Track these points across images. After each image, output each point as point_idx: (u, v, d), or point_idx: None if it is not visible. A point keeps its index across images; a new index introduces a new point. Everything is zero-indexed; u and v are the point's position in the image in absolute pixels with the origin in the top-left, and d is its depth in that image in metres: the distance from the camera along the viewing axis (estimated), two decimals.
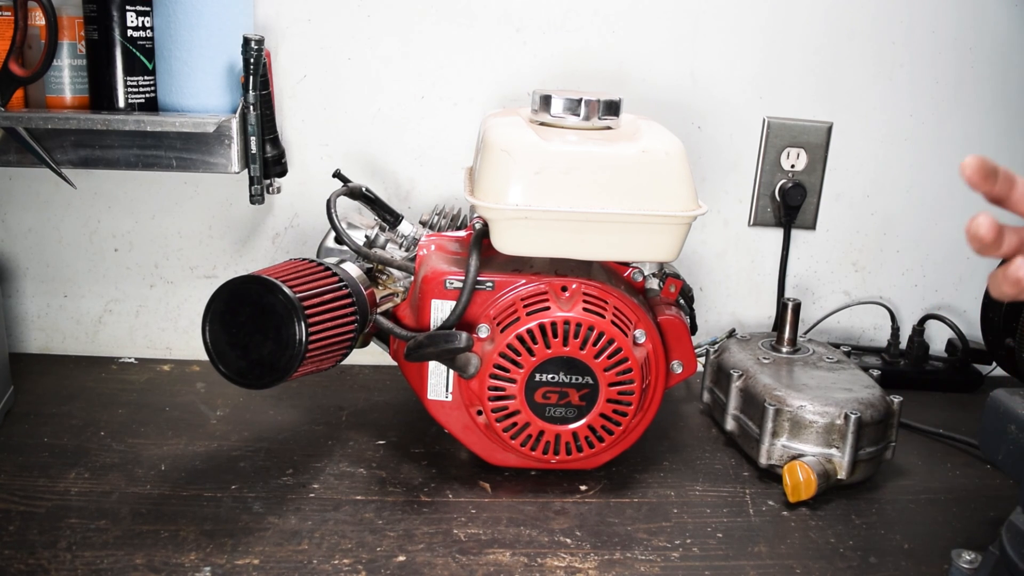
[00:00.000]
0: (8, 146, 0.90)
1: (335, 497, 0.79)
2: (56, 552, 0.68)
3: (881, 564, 0.74)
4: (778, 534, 0.77)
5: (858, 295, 1.17)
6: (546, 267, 0.82)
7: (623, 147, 0.77)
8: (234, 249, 1.08)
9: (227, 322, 0.72)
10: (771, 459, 0.85)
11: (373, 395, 1.01)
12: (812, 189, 1.12)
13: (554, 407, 0.78)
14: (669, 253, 0.78)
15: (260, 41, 0.88)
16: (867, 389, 0.87)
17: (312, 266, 0.77)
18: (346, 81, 1.04)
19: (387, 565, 0.70)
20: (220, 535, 0.72)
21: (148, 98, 0.92)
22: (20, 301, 1.08)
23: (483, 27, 1.04)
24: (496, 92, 1.05)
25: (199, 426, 0.91)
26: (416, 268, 0.84)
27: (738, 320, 1.16)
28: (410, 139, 1.06)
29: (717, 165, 1.11)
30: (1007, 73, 1.10)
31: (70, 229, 1.06)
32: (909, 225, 1.15)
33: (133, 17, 0.88)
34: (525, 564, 0.71)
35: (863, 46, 1.08)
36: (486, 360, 0.77)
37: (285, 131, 1.04)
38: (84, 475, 0.80)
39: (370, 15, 1.02)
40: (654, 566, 0.72)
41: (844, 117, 1.10)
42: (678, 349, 0.84)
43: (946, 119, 1.11)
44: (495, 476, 0.84)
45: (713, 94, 1.08)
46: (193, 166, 0.92)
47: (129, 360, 1.08)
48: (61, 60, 0.89)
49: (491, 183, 0.76)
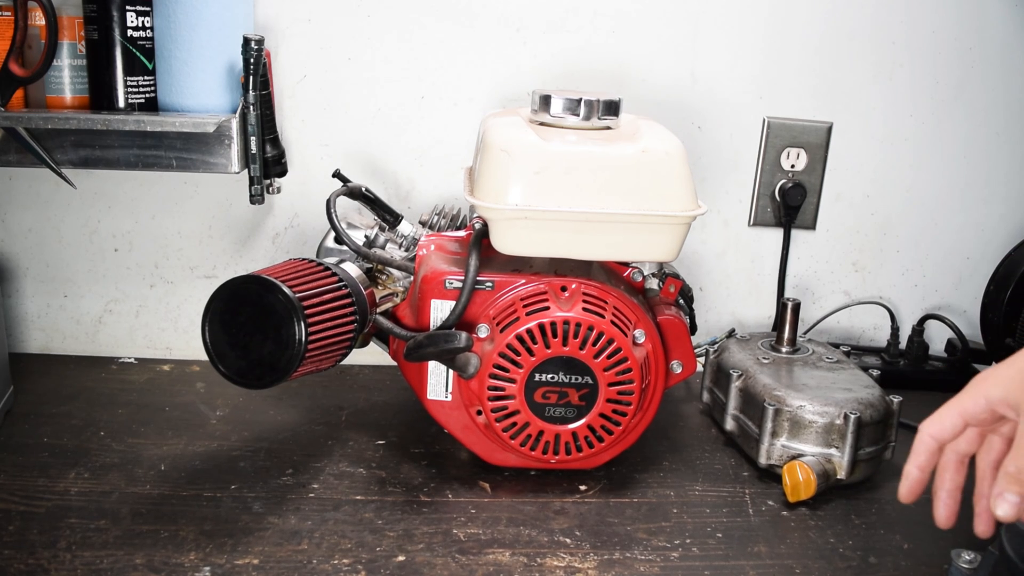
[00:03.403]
0: (8, 146, 0.90)
1: (335, 497, 0.79)
2: (56, 552, 0.69)
3: (881, 564, 0.74)
4: (778, 534, 0.77)
5: (858, 295, 1.17)
6: (546, 267, 0.82)
7: (623, 147, 0.77)
8: (234, 249, 1.08)
9: (227, 322, 0.73)
10: (771, 459, 0.85)
11: (373, 395, 1.01)
12: (812, 189, 1.12)
13: (554, 407, 0.78)
14: (669, 253, 0.78)
15: (260, 41, 0.88)
16: (867, 389, 0.87)
17: (312, 266, 0.77)
18: (346, 81, 1.04)
19: (387, 565, 0.70)
20: (220, 535, 0.72)
21: (148, 98, 0.92)
22: (20, 301, 1.08)
23: (483, 27, 1.04)
24: (496, 92, 1.05)
25: (199, 426, 0.91)
26: (416, 268, 0.84)
27: (738, 320, 1.16)
28: (410, 139, 1.06)
29: (717, 165, 1.10)
30: (1007, 73, 1.10)
31: (70, 229, 1.06)
32: (909, 225, 1.15)
33: (133, 17, 0.88)
34: (525, 564, 0.71)
35: (863, 46, 1.08)
36: (486, 360, 0.77)
37: (285, 131, 1.04)
38: (84, 475, 0.80)
39: (370, 15, 1.02)
40: (654, 566, 0.72)
41: (844, 117, 1.10)
42: (678, 349, 0.84)
43: (946, 119, 1.11)
44: (495, 476, 0.84)
45: (713, 94, 1.08)
46: (193, 166, 0.92)
47: (129, 360, 1.08)
48: (61, 60, 0.89)
49: (491, 183, 0.76)
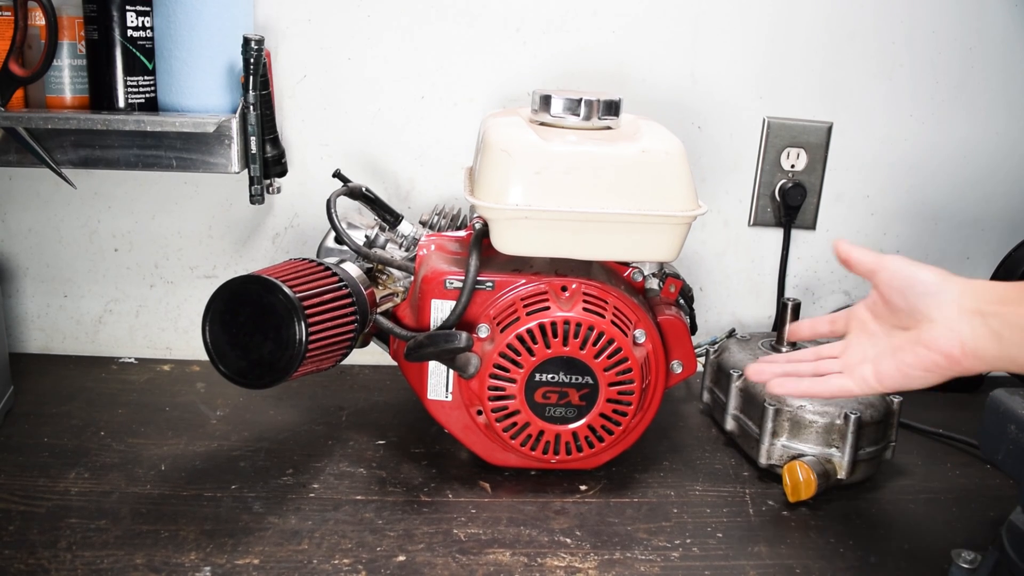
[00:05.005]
0: (8, 146, 0.90)
1: (335, 497, 0.79)
2: (56, 552, 0.68)
3: (881, 564, 0.74)
4: (778, 534, 0.77)
5: (858, 295, 1.17)
6: (546, 267, 0.82)
7: (623, 147, 0.77)
8: (234, 249, 1.08)
9: (227, 322, 0.72)
10: (771, 459, 0.85)
11: (373, 395, 1.01)
12: (812, 189, 1.11)
13: (554, 407, 0.78)
14: (669, 253, 0.78)
15: (260, 41, 0.88)
16: None
17: (312, 266, 0.77)
18: (346, 81, 1.04)
19: (387, 565, 0.70)
20: (220, 535, 0.72)
21: (148, 98, 0.92)
22: (20, 301, 1.08)
23: (483, 27, 1.04)
24: (496, 92, 1.05)
25: (199, 426, 0.91)
26: (416, 268, 0.84)
27: (738, 320, 1.16)
28: (410, 139, 1.06)
29: (717, 165, 1.10)
30: (1007, 73, 1.10)
31: (70, 229, 1.06)
32: (909, 225, 1.15)
33: (133, 17, 0.88)
34: (525, 564, 0.71)
35: (863, 46, 1.08)
36: (486, 360, 0.77)
37: (285, 131, 1.04)
38: (84, 475, 0.80)
39: (370, 15, 1.02)
40: (654, 566, 0.72)
41: (844, 117, 1.10)
42: (678, 349, 0.84)
43: (946, 119, 1.11)
44: (495, 476, 0.84)
45: (713, 94, 1.08)
46: (193, 166, 0.92)
47: (129, 360, 1.08)
48: (61, 60, 0.89)
49: (491, 183, 0.76)
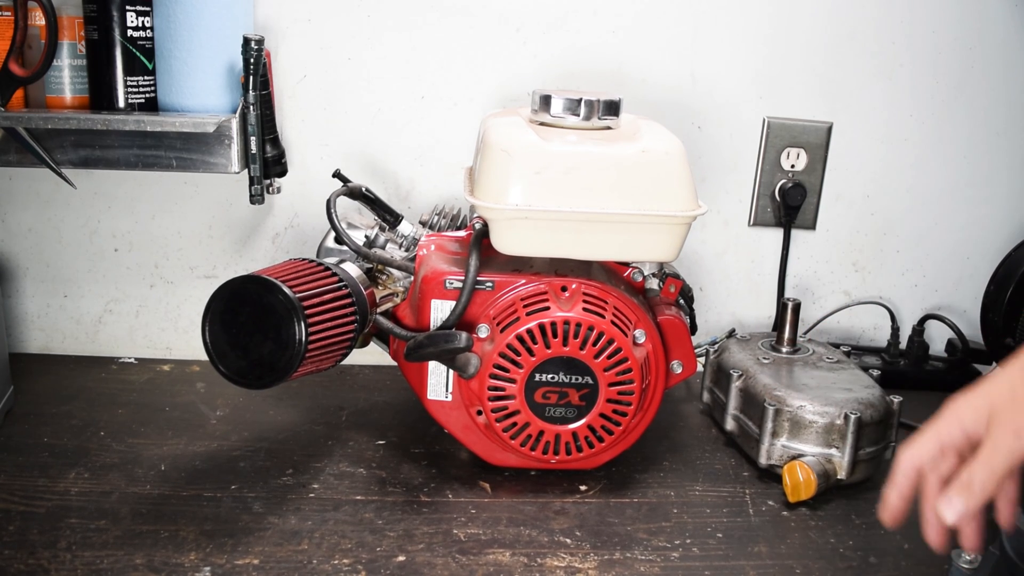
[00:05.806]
0: (8, 146, 0.90)
1: (335, 497, 0.79)
2: (56, 552, 0.68)
3: (881, 564, 0.74)
4: (778, 534, 0.77)
5: (858, 295, 1.17)
6: (546, 267, 0.82)
7: (623, 147, 0.77)
8: (234, 249, 1.08)
9: (227, 322, 0.72)
10: (771, 459, 0.85)
11: (373, 395, 1.01)
12: (812, 189, 1.11)
13: (554, 407, 0.78)
14: (669, 253, 0.78)
15: (260, 41, 0.88)
16: (867, 389, 0.87)
17: (312, 266, 0.77)
18: (346, 81, 1.04)
19: (387, 565, 0.70)
20: (220, 535, 0.72)
21: (148, 98, 0.92)
22: (20, 301, 1.08)
23: (483, 27, 1.04)
24: (496, 92, 1.05)
25: (199, 426, 0.91)
26: (416, 268, 0.84)
27: (738, 320, 1.16)
28: (410, 139, 1.06)
29: (717, 165, 1.10)
30: (1007, 73, 1.10)
31: (70, 229, 1.06)
32: (909, 225, 1.15)
33: (133, 17, 0.88)
34: (525, 564, 0.71)
35: (864, 46, 1.08)
36: (486, 360, 0.77)
37: (285, 131, 1.04)
38: (84, 475, 0.80)
39: (370, 15, 1.02)
40: (654, 566, 0.72)
41: (844, 117, 1.10)
42: (678, 349, 0.84)
43: (946, 119, 1.11)
44: (495, 476, 0.84)
45: (713, 94, 1.08)
46: (193, 166, 0.92)
47: (129, 360, 1.08)
48: (61, 60, 0.89)
49: (491, 183, 0.76)
